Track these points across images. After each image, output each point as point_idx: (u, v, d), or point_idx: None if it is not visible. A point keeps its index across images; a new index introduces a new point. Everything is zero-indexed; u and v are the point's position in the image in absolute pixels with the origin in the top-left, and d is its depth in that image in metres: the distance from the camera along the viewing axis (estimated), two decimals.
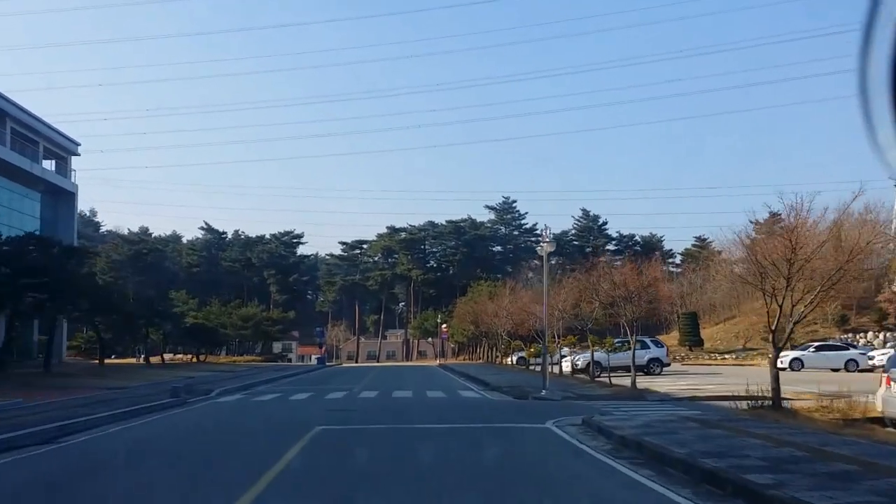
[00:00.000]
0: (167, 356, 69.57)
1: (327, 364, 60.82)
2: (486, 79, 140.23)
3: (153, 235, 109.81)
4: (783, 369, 37.86)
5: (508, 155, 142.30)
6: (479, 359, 68.07)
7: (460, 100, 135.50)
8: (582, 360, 32.87)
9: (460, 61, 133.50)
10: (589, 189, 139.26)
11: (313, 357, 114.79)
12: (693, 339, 61.81)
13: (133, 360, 48.68)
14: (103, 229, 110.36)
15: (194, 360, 57.14)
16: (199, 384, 26.78)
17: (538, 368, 36.13)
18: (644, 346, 33.67)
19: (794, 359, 34.65)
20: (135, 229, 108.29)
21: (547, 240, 21.33)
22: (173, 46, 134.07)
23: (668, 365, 34.16)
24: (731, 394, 18.27)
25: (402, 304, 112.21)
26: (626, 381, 22.93)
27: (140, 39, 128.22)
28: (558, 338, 34.97)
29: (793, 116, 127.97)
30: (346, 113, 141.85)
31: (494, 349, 54.82)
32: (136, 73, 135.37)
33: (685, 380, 27.50)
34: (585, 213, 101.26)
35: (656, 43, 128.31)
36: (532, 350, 38.08)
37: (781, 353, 39.46)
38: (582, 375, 30.66)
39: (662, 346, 34.04)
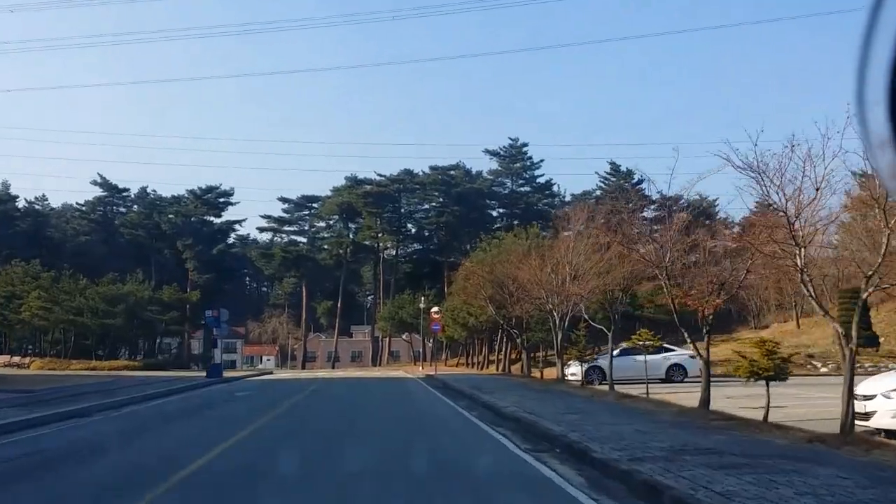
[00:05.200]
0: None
1: (223, 376, 33.39)
2: None
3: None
4: None
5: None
6: (489, 367, 41.76)
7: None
8: None
9: None
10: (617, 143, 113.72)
11: (265, 360, 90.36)
12: (863, 336, 35.81)
13: None
14: (20, 204, 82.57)
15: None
16: None
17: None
18: None
19: None
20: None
21: None
22: None
23: None
24: None
25: (370, 297, 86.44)
26: None
27: None
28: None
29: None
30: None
31: (538, 350, 28.14)
32: None
33: None
34: (615, 168, 74.91)
35: None
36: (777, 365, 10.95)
37: None
38: None
39: None
